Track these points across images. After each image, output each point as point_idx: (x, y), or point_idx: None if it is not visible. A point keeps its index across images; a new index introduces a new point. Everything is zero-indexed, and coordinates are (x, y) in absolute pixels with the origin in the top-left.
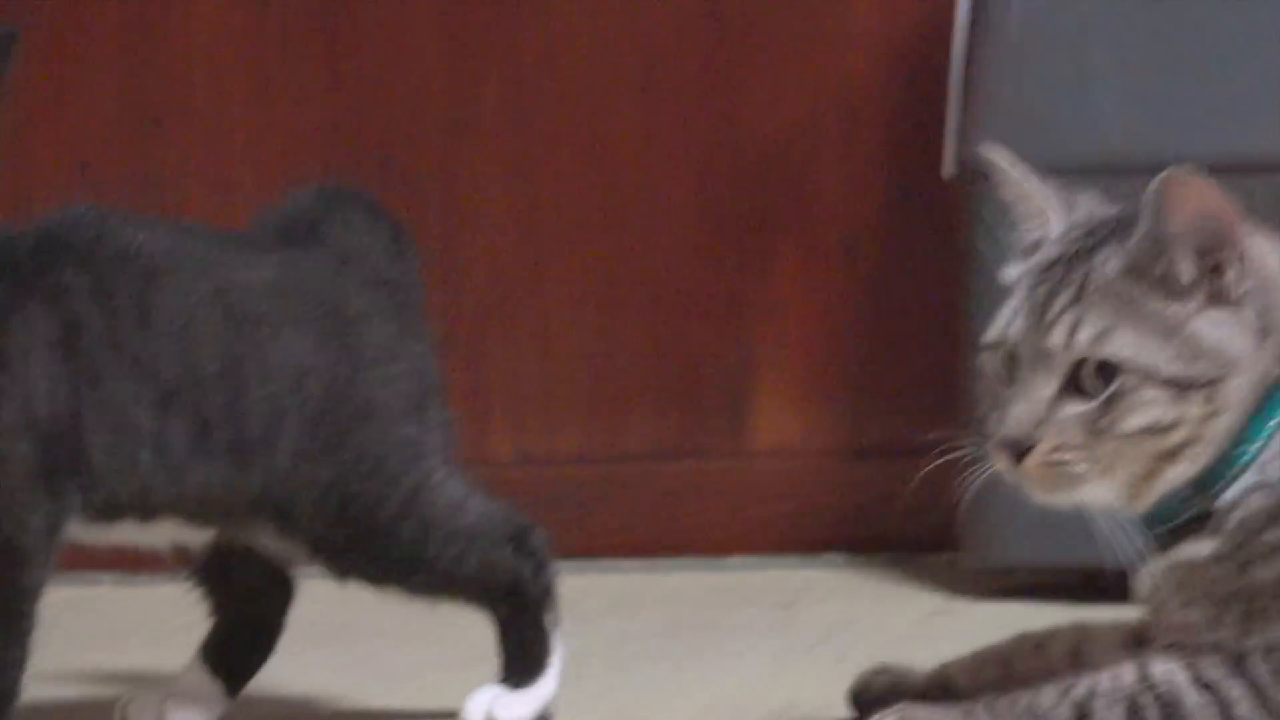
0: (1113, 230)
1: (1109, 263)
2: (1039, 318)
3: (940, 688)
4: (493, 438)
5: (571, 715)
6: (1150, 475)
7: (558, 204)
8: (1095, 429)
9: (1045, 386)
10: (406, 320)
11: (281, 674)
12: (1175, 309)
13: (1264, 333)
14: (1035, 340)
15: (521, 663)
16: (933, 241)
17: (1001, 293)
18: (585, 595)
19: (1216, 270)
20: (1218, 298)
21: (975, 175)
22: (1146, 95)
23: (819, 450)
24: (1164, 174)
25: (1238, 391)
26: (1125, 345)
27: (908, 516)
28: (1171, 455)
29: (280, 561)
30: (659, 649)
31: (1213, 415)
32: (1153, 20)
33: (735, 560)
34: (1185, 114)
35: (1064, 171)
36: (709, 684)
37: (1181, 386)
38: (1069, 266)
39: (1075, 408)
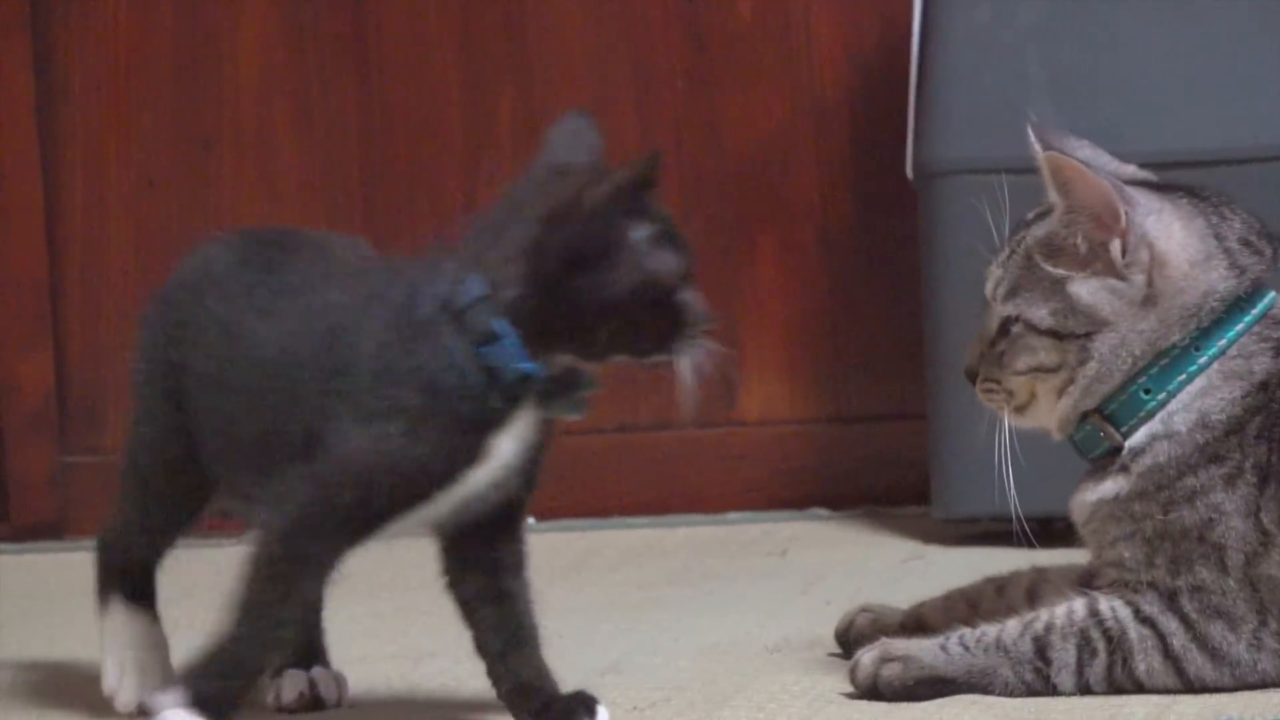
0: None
1: (1036, 231)
2: (991, 272)
3: (915, 624)
4: None
5: (592, 655)
6: (1052, 408)
7: None
8: (1001, 365)
9: (989, 330)
10: None
11: (344, 620)
12: (1063, 273)
13: (1150, 300)
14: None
15: None
16: (896, 233)
17: (955, 278)
18: (602, 549)
19: (1104, 244)
20: (1107, 268)
21: (931, 174)
22: (1079, 101)
23: (802, 418)
24: (1048, 158)
25: (1108, 345)
26: (1020, 303)
27: (884, 474)
28: (1059, 391)
29: None
30: (668, 595)
31: (1084, 362)
32: (1083, 35)
33: (732, 516)
34: (1113, 117)
35: (1008, 171)
36: (713, 625)
37: (1059, 337)
38: (1021, 229)
39: (996, 350)
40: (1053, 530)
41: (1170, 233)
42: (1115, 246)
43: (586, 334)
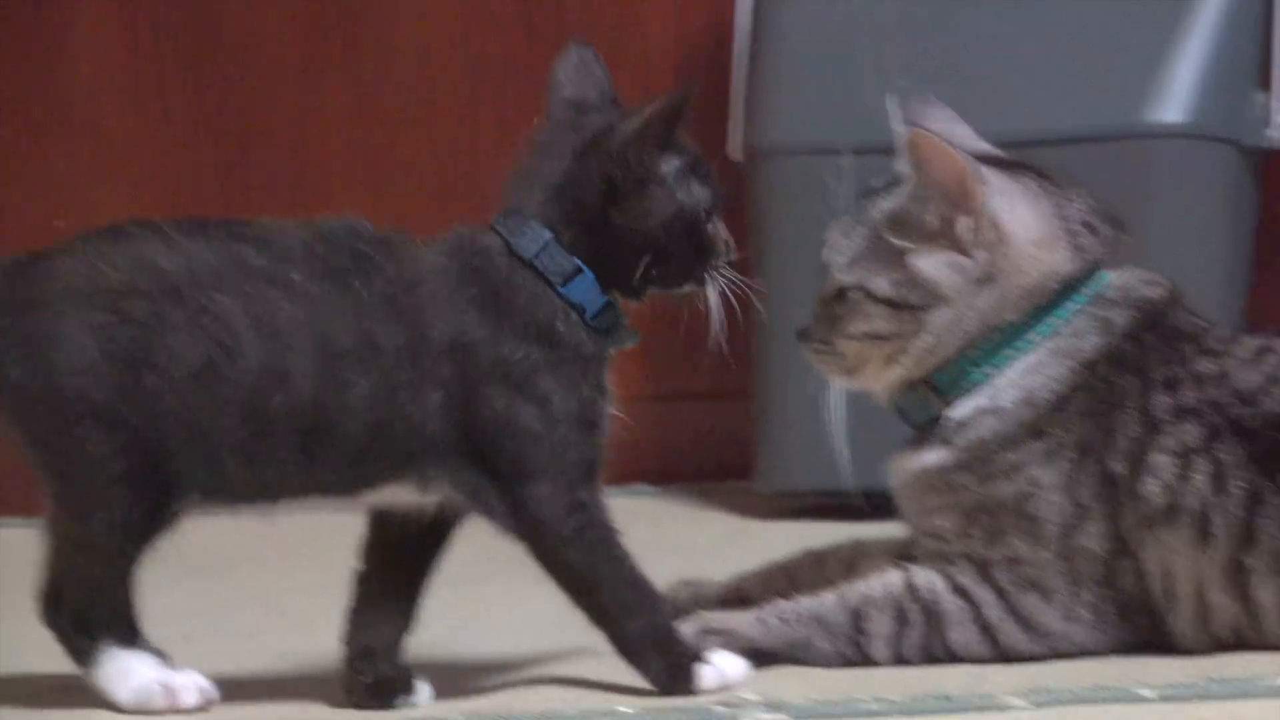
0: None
1: (885, 203)
2: (831, 239)
3: (736, 598)
4: None
5: (416, 629)
6: (880, 373)
7: (396, 187)
8: (834, 328)
9: (826, 293)
10: None
11: (166, 602)
12: (907, 246)
13: (990, 279)
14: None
15: None
16: (722, 216)
17: (783, 256)
18: None
19: (952, 221)
20: (953, 244)
21: (761, 156)
22: (911, 83)
23: (627, 395)
24: (910, 133)
25: (944, 319)
26: (861, 271)
27: (706, 451)
28: (890, 359)
29: None
30: (491, 570)
31: (917, 333)
32: (906, 25)
33: None
34: (944, 99)
35: (835, 152)
36: (534, 598)
37: (896, 306)
38: (866, 200)
39: (830, 311)
40: (873, 504)
41: (1016, 213)
42: (963, 224)
43: (626, 267)
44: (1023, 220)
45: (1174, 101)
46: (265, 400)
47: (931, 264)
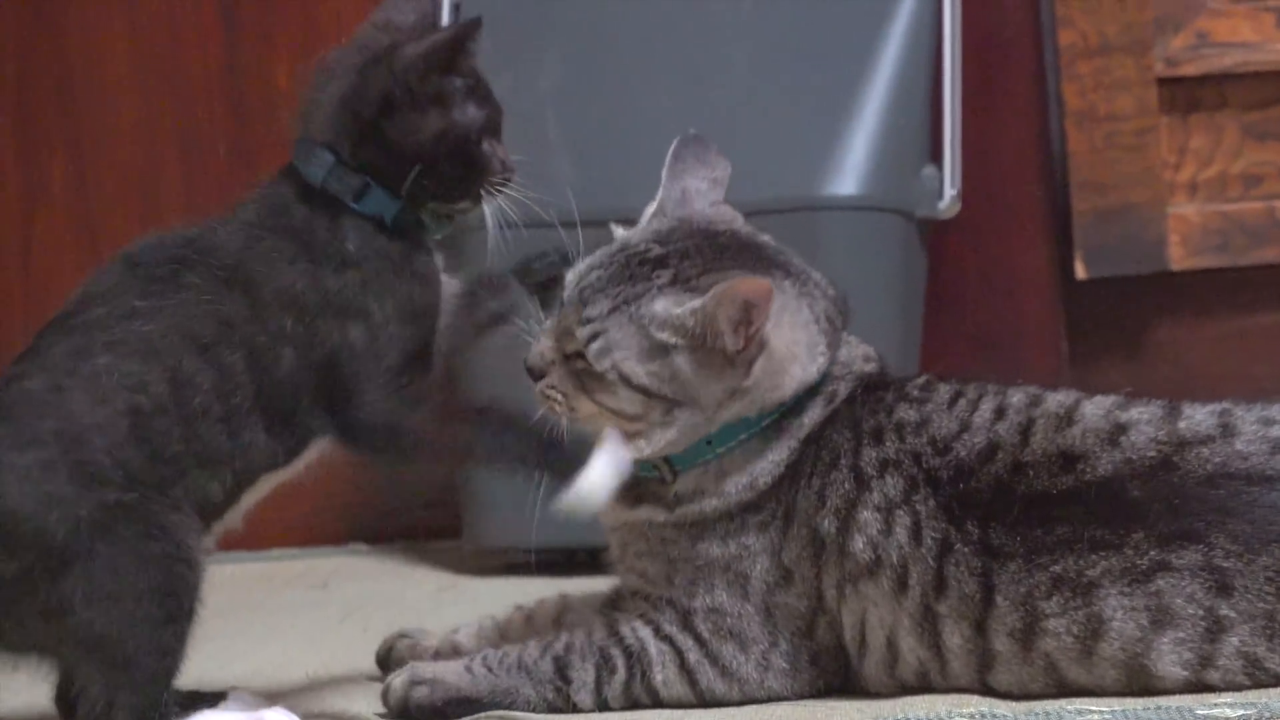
0: (678, 256)
1: (656, 306)
2: (581, 300)
3: (451, 649)
4: None
5: None
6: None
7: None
8: (581, 389)
9: (569, 343)
10: None
11: None
12: (673, 342)
13: (744, 392)
14: (572, 316)
15: None
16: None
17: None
18: None
19: (725, 335)
20: (720, 353)
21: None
22: (594, 158)
23: (341, 456)
24: (752, 280)
25: (689, 417)
26: (618, 356)
27: (418, 510)
28: (631, 435)
29: None
30: (215, 627)
31: (663, 425)
32: (597, 97)
33: (275, 551)
34: (625, 173)
35: (528, 225)
36: (257, 652)
37: (649, 395)
38: (629, 270)
39: (575, 367)
40: (576, 560)
41: (780, 328)
42: (733, 341)
43: (397, 176)
44: (786, 338)
45: (848, 175)
46: (186, 407)
47: (692, 365)
